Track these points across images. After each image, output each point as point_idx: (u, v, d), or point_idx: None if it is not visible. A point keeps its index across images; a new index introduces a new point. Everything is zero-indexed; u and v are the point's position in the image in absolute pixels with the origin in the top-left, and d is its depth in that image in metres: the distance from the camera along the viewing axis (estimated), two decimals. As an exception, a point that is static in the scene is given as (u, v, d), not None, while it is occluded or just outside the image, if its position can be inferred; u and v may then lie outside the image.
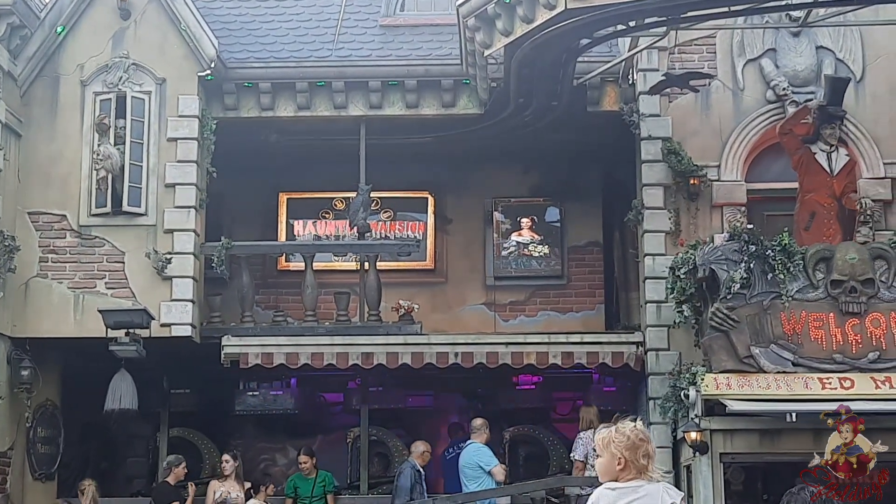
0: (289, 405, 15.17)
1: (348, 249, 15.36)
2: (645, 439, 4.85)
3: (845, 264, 12.09)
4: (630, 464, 4.80)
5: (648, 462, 4.84)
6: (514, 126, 14.37)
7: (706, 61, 14.00)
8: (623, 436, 4.81)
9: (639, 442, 4.82)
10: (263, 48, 15.04)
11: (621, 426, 4.86)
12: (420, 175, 15.86)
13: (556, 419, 15.85)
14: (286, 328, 14.51)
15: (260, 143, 15.00)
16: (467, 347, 13.95)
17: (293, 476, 14.19)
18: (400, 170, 15.48)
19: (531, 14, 11.78)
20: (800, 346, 12.00)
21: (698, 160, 13.62)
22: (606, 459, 4.84)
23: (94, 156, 13.80)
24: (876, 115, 13.72)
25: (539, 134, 14.48)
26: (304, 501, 13.89)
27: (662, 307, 13.34)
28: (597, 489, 4.89)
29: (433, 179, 16.01)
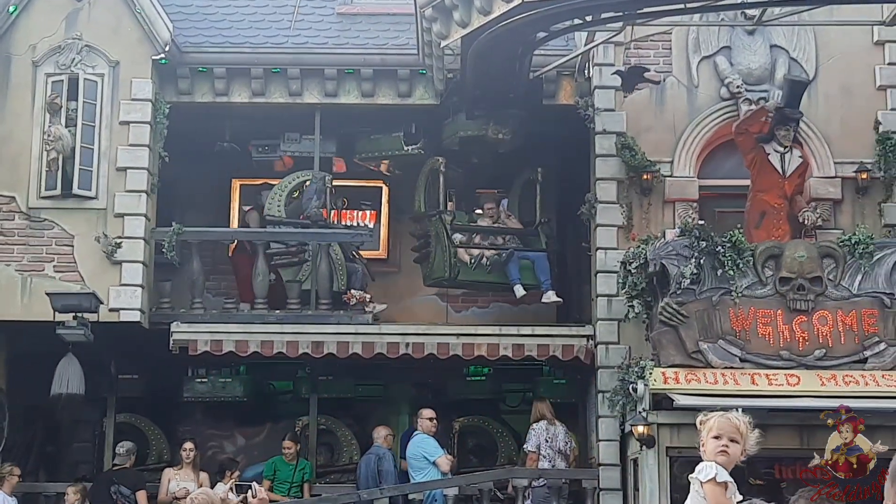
0: (238, 392, 15.11)
1: (301, 237, 15.29)
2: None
3: (794, 262, 12.20)
4: None
5: None
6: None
7: (662, 57, 14.07)
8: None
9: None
10: (219, 33, 14.94)
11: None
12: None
13: (506, 410, 15.89)
14: (236, 315, 14.44)
15: (213, 129, 14.90)
16: (418, 338, 13.97)
17: (274, 458, 14.16)
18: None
19: (488, 6, 11.78)
20: (747, 343, 12.10)
21: (652, 155, 13.69)
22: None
23: (45, 136, 13.64)
24: (828, 115, 13.84)
25: (495, 125, 14.50)
26: (283, 486, 13.85)
27: (613, 301, 13.40)
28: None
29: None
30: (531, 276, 14.51)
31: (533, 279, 14.48)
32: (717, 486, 5.04)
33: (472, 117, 14.11)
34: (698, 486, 5.08)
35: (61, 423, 15.26)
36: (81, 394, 13.30)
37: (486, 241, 14.71)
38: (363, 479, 13.64)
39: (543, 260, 14.57)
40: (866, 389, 11.75)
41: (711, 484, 5.04)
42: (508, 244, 14.68)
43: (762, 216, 12.97)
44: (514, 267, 14.49)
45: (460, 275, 14.50)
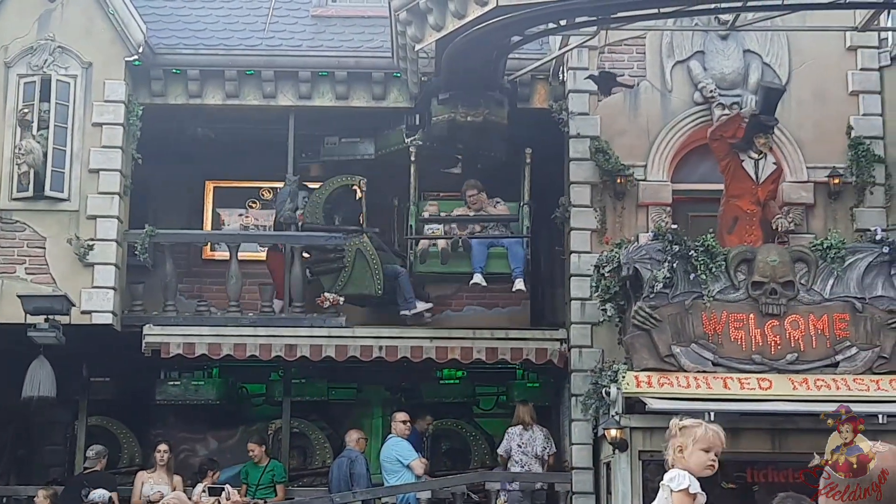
0: (210, 395, 15.04)
1: (274, 240, 15.26)
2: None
3: (766, 266, 12.24)
4: None
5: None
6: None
7: (636, 62, 14.10)
8: None
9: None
10: (193, 35, 14.89)
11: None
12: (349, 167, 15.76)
13: (479, 413, 15.89)
14: (209, 318, 14.41)
15: (187, 129, 14.85)
16: (392, 341, 13.97)
17: (247, 463, 14.13)
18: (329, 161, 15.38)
19: (463, 10, 11.78)
20: (720, 346, 12.14)
21: (625, 159, 13.72)
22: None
23: (16, 150, 13.55)
24: (800, 120, 13.91)
25: (469, 128, 14.47)
26: (252, 489, 13.83)
27: (587, 304, 13.42)
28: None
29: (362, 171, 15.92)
30: (505, 265, 14.12)
31: (506, 268, 14.10)
32: (687, 496, 5.06)
33: (441, 101, 13.65)
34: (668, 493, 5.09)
35: (33, 425, 15.19)
36: (53, 396, 13.23)
37: (464, 230, 14.23)
38: (335, 482, 13.65)
39: (517, 246, 14.16)
40: (838, 394, 11.78)
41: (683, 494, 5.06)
42: (490, 232, 14.36)
43: (735, 221, 13.02)
44: (479, 254, 14.05)
45: (413, 268, 14.24)
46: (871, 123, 13.90)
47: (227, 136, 15.01)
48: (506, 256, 14.09)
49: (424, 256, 14.10)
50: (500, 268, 14.09)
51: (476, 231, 14.30)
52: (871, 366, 12.08)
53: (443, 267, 14.15)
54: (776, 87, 13.44)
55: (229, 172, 15.95)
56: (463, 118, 13.47)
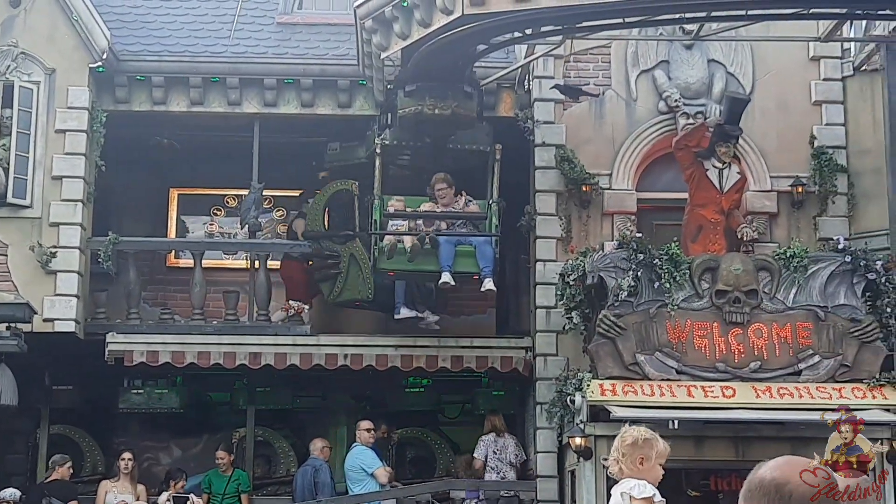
0: (174, 404, 14.95)
1: (239, 248, 15.23)
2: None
3: (730, 275, 12.30)
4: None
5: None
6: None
7: (601, 71, 14.16)
8: None
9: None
10: (157, 41, 14.82)
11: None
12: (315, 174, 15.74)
13: (444, 422, 15.88)
14: (173, 326, 14.33)
15: (151, 138, 14.78)
16: (357, 349, 13.96)
17: (210, 471, 14.05)
18: (294, 169, 15.36)
19: (428, 18, 11.79)
20: (684, 355, 12.19)
21: (591, 168, 13.77)
22: None
23: None
24: (764, 130, 14.00)
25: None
26: (217, 499, 13.75)
27: (552, 313, 13.44)
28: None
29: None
30: (473, 264, 13.31)
31: (474, 267, 13.31)
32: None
33: (408, 94, 13.04)
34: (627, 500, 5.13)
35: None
36: (14, 405, 13.10)
37: (431, 226, 13.44)
38: (299, 491, 13.60)
39: (486, 245, 13.33)
40: (800, 402, 11.87)
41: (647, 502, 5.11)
42: (456, 229, 13.60)
43: (699, 230, 13.07)
44: (446, 252, 13.23)
45: (378, 264, 13.34)
46: (833, 133, 14.01)
47: (191, 144, 14.95)
48: (473, 255, 13.35)
49: (391, 252, 13.30)
50: (468, 266, 13.32)
51: (442, 228, 13.56)
52: (833, 374, 12.16)
53: (409, 264, 13.35)
54: (741, 98, 13.53)
55: (194, 180, 15.88)
56: (430, 110, 12.96)
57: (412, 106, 13.02)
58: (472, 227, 13.71)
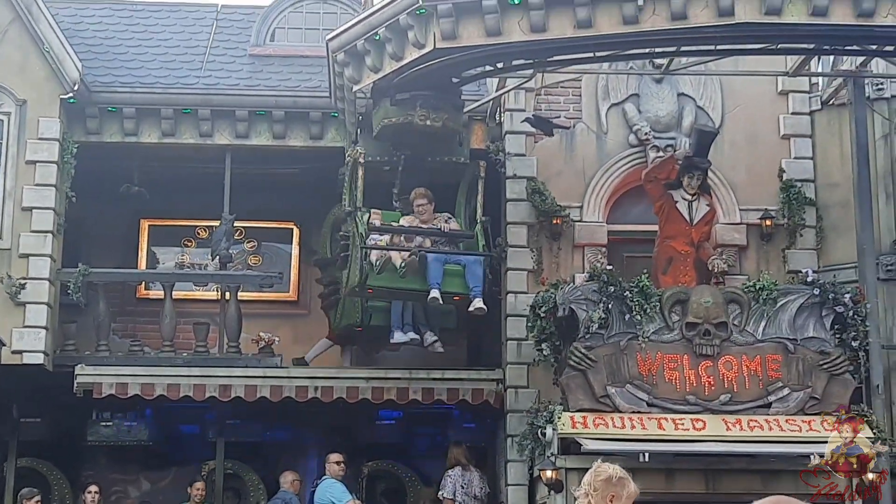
0: (143, 436, 14.86)
1: (209, 279, 15.18)
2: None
3: (700, 307, 12.35)
4: None
5: None
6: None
7: (572, 104, 14.25)
8: None
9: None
10: (129, 73, 14.83)
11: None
12: (286, 206, 15.75)
13: (415, 454, 15.83)
14: (142, 358, 14.27)
15: (122, 169, 14.74)
16: (327, 382, 13.92)
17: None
18: (265, 200, 15.36)
19: (400, 52, 11.84)
20: (654, 387, 12.20)
21: (562, 200, 13.83)
22: None
23: None
24: (733, 163, 14.11)
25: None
26: None
27: (523, 345, 13.44)
28: None
29: (299, 210, 15.91)
30: (461, 284, 12.86)
31: (462, 287, 12.85)
32: None
33: (397, 102, 12.50)
34: None
35: (-40, 467, 14.90)
36: (-18, 438, 13.02)
37: (411, 242, 13.02)
38: (270, 524, 13.52)
39: (476, 265, 12.90)
40: (770, 434, 11.90)
41: None
42: (439, 247, 13.02)
43: (669, 262, 13.13)
44: (435, 270, 12.72)
45: (369, 280, 12.70)
46: (802, 167, 14.13)
47: (162, 175, 14.91)
48: (461, 275, 12.88)
49: (382, 268, 12.69)
50: (456, 287, 12.86)
51: (424, 245, 13.02)
52: (802, 406, 12.20)
53: (400, 281, 12.76)
54: (709, 130, 13.65)
55: (165, 211, 15.83)
56: (422, 121, 12.43)
57: (400, 116, 12.52)
58: (454, 245, 13.27)
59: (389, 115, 12.56)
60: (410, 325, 13.84)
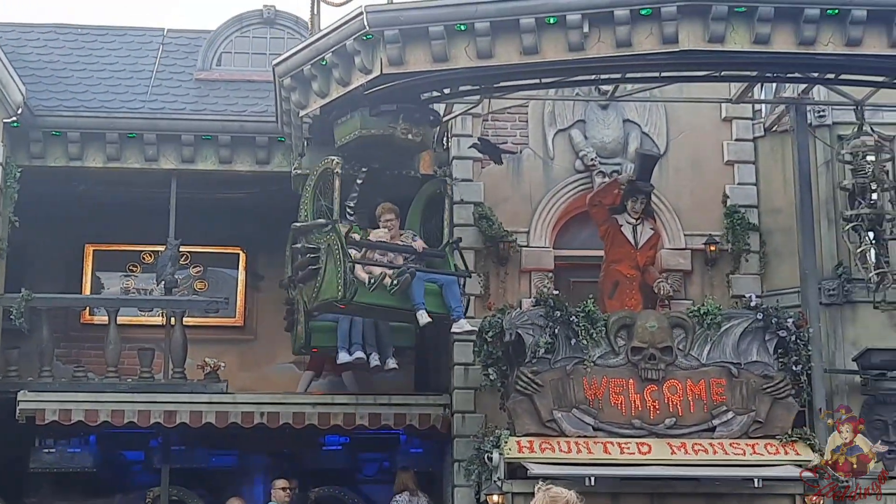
0: (87, 463, 14.70)
1: (155, 305, 15.07)
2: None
3: (645, 332, 12.43)
4: None
5: None
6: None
7: (518, 129, 14.34)
8: None
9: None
10: (74, 97, 14.74)
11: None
12: (232, 231, 15.69)
13: (363, 480, 15.79)
14: (86, 384, 14.12)
15: (67, 194, 14.63)
16: (273, 407, 13.86)
17: None
18: (212, 225, 15.30)
19: (347, 77, 11.85)
20: (601, 411, 12.25)
21: (509, 225, 13.89)
22: None
23: None
24: (678, 188, 14.24)
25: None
26: None
27: (470, 370, 13.46)
28: None
29: (245, 235, 15.86)
30: (439, 303, 12.51)
31: (440, 306, 12.52)
32: None
33: (379, 113, 12.08)
34: None
35: None
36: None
37: (384, 258, 12.67)
38: (216, 551, 13.42)
39: (454, 284, 12.61)
40: (715, 458, 11.97)
41: None
42: (408, 264, 12.53)
43: (615, 286, 13.21)
44: (418, 290, 12.33)
45: (357, 296, 12.13)
46: (745, 192, 14.29)
47: (107, 200, 14.81)
48: (439, 294, 12.53)
49: (375, 285, 12.22)
50: (434, 306, 12.48)
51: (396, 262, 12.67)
52: (746, 430, 12.29)
53: (390, 300, 12.35)
54: (651, 154, 13.80)
55: (110, 236, 15.73)
56: (403, 135, 12.12)
57: (380, 128, 12.12)
58: (422, 264, 12.81)
59: (368, 127, 12.14)
60: (359, 345, 13.67)
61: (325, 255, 12.25)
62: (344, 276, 11.96)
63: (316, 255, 12.37)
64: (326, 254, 12.24)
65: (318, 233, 12.43)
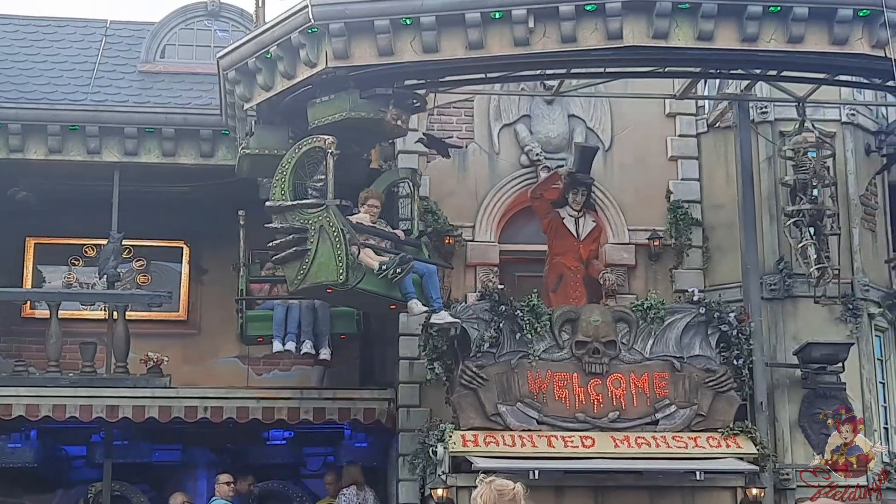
0: (28, 458, 14.53)
1: (97, 298, 14.94)
2: None
3: (589, 326, 12.50)
4: None
5: None
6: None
7: (464, 124, 14.35)
8: None
9: None
10: (15, 88, 14.57)
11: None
12: (176, 224, 15.58)
13: (307, 474, 15.75)
14: (27, 378, 13.97)
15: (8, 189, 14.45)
16: (217, 402, 13.79)
17: None
18: (155, 218, 15.17)
19: (292, 70, 11.80)
20: (545, 405, 12.32)
21: (454, 220, 13.90)
22: None
23: None
24: (622, 184, 14.32)
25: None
26: None
27: (415, 364, 13.46)
28: None
29: (189, 229, 15.75)
30: (419, 293, 12.18)
31: (420, 296, 12.17)
32: None
33: (372, 96, 11.77)
34: None
35: None
36: None
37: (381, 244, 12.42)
38: (159, 546, 13.34)
39: (435, 275, 12.39)
40: (657, 451, 12.08)
41: None
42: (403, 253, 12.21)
43: (560, 279, 13.28)
44: (408, 279, 11.98)
45: (364, 281, 11.70)
46: (689, 188, 14.39)
47: (49, 193, 14.65)
48: (419, 284, 12.24)
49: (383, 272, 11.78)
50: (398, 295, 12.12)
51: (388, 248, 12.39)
52: (689, 423, 12.41)
53: (388, 288, 11.96)
54: (590, 146, 13.88)
55: (51, 229, 15.56)
56: (393, 121, 11.83)
57: (371, 111, 11.78)
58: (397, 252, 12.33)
59: (359, 109, 11.72)
60: (294, 335, 13.57)
61: (317, 236, 11.69)
62: (346, 259, 11.51)
63: (302, 235, 11.82)
64: (318, 234, 11.69)
65: (302, 212, 11.86)
